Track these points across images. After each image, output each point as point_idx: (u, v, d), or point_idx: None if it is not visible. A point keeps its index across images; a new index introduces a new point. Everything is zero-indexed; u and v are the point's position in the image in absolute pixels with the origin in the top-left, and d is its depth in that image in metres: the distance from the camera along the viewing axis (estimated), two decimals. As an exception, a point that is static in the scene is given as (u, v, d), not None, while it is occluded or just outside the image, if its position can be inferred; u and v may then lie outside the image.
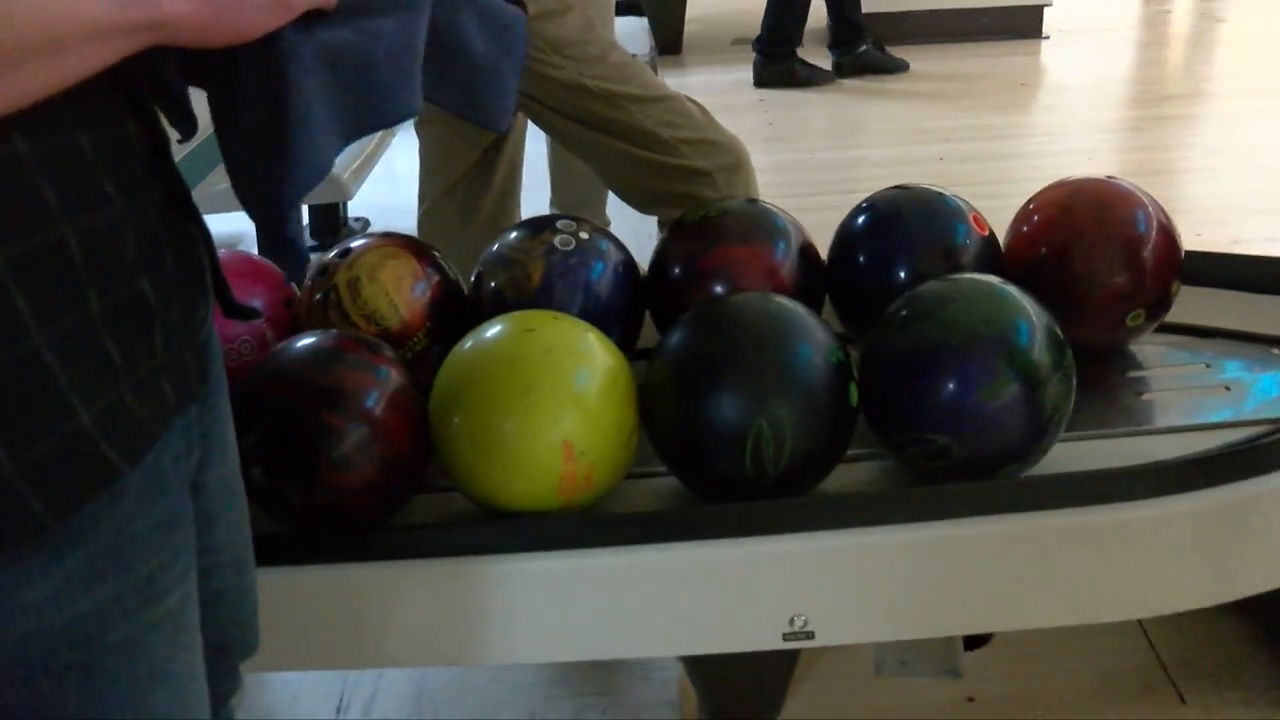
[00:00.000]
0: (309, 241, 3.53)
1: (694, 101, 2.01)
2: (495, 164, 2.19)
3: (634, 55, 2.04)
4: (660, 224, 2.08)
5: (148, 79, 0.79)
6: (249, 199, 0.83)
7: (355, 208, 3.78)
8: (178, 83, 0.81)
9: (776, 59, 4.80)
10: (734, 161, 1.98)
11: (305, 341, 1.37)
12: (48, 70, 0.63)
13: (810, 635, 1.33)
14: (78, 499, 0.69)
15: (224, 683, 1.00)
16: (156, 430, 0.75)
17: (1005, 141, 4.24)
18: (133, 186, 0.74)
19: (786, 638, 1.33)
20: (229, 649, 1.00)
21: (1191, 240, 1.64)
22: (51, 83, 0.64)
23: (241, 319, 0.95)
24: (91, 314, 0.70)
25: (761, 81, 4.84)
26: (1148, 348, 1.67)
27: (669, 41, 5.36)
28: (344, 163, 3.06)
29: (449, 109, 0.99)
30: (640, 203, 2.07)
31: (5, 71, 0.61)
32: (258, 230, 0.84)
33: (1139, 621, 1.79)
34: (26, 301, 0.65)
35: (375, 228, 3.77)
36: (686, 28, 5.58)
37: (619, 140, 1.93)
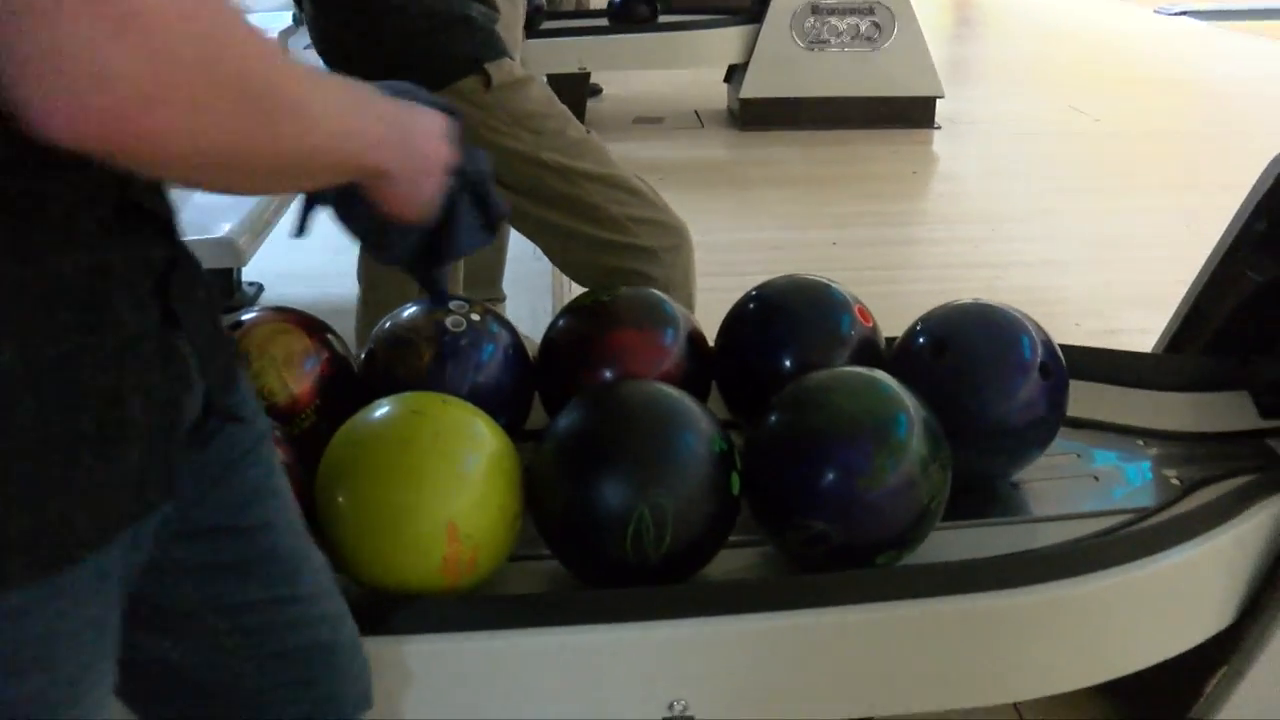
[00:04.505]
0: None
1: (643, 179, 2.01)
2: None
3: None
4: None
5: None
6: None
7: (249, 272, 3.74)
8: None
9: None
10: (678, 243, 1.99)
11: (189, 416, 1.35)
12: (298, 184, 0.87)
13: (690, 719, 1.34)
14: None
15: None
16: (76, 554, 0.73)
17: (898, 228, 4.35)
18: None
19: (666, 722, 1.33)
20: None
21: (1071, 331, 1.71)
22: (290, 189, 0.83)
23: None
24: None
25: None
26: (1023, 437, 1.72)
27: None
28: (239, 228, 2.96)
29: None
30: (585, 278, 2.04)
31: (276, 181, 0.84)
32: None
33: (1014, 703, 1.83)
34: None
35: (269, 293, 3.73)
36: (590, 106, 5.67)
37: (568, 216, 1.92)
